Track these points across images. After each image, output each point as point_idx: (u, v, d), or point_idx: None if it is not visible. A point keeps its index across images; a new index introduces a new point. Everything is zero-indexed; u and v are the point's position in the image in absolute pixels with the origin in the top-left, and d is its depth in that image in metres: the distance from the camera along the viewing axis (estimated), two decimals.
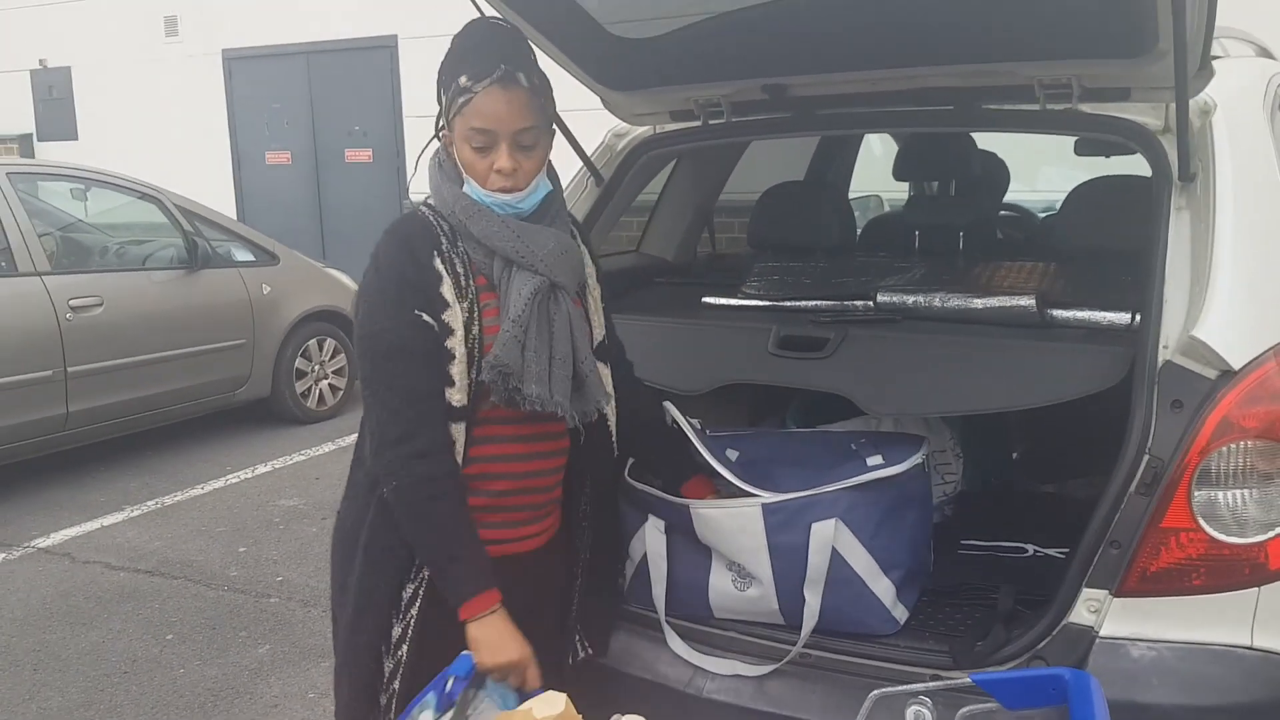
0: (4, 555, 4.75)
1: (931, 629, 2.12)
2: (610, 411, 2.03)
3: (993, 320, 2.38)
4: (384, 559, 1.87)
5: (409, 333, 1.77)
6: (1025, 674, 1.61)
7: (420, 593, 1.87)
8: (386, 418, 1.78)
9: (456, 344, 1.78)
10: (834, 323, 2.41)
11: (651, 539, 2.16)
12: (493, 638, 1.77)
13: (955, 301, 2.45)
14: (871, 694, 1.38)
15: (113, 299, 5.70)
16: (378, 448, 1.80)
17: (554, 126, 1.89)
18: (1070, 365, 2.17)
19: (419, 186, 1.98)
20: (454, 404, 1.79)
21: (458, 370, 1.79)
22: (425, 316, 1.78)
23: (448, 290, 1.79)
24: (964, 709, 1.34)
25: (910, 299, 2.51)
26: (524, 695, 1.78)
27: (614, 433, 2.06)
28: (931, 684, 1.34)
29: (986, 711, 1.36)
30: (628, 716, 1.23)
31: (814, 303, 2.64)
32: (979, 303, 2.42)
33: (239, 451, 6.23)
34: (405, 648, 1.88)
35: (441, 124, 1.87)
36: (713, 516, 2.08)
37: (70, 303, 5.48)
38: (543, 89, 1.83)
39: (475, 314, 1.81)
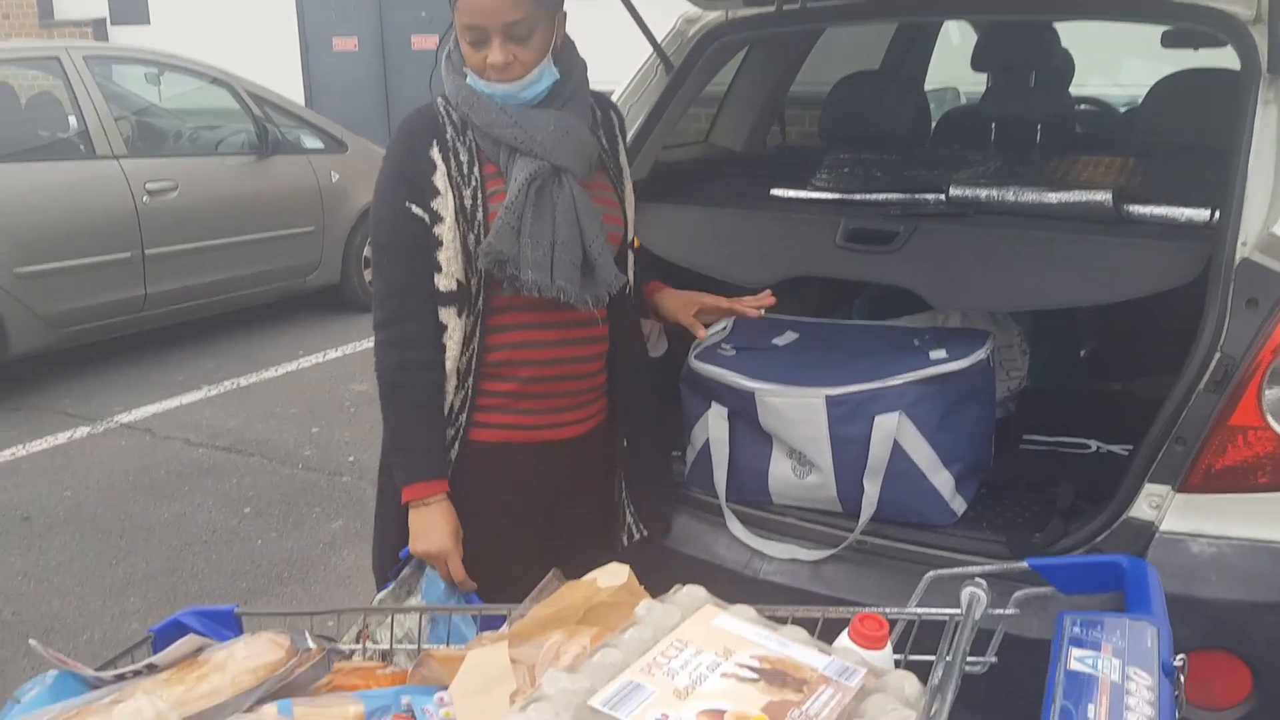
0: (88, 429, 4.95)
1: (989, 520, 2.14)
2: (626, 297, 2.02)
3: (1067, 215, 2.34)
4: None
5: (400, 224, 1.83)
6: (1082, 560, 1.63)
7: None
8: (377, 304, 1.87)
9: (445, 230, 1.82)
10: (904, 216, 2.39)
11: (715, 425, 2.19)
12: (420, 526, 1.87)
13: (1029, 196, 2.41)
14: (927, 575, 1.41)
15: (187, 183, 5.78)
16: (373, 330, 1.89)
17: (557, 12, 1.82)
18: (1145, 261, 2.13)
19: None
20: (442, 289, 1.83)
21: (445, 256, 1.82)
22: (415, 208, 1.82)
23: (440, 179, 1.82)
24: (1019, 592, 1.37)
25: (983, 193, 2.47)
26: (465, 590, 1.88)
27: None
28: (988, 566, 1.36)
29: (1041, 596, 1.39)
30: (689, 586, 1.27)
31: (884, 196, 2.61)
32: (1054, 197, 2.37)
33: (310, 336, 6.37)
34: None
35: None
36: (777, 405, 2.10)
37: (146, 186, 5.58)
38: None
39: (479, 201, 1.83)
